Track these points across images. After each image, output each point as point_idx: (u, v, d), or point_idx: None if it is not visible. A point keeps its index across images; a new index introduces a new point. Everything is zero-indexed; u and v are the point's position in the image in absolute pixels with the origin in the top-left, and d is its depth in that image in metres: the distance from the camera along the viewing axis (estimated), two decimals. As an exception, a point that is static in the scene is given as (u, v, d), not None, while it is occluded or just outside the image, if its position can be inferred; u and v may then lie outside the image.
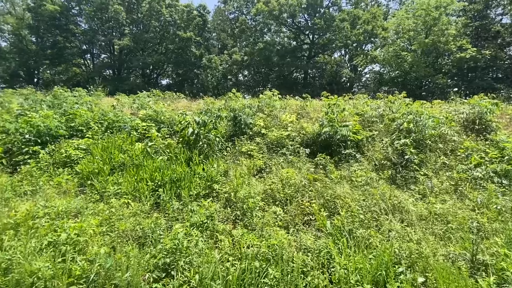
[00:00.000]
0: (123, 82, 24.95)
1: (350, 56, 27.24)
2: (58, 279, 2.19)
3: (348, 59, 28.08)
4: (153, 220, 3.22)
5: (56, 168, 5.02)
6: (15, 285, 2.19)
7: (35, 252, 2.50)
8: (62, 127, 6.14)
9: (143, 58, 25.85)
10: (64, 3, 24.85)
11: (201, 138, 5.63)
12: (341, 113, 6.21)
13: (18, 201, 3.76)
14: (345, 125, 5.68)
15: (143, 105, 8.14)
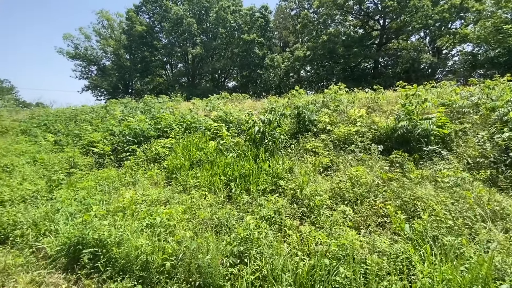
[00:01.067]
0: (196, 87, 27.70)
1: (431, 38, 23.52)
2: (156, 255, 2.65)
3: (429, 42, 24.30)
4: (227, 211, 3.53)
5: (148, 163, 6.00)
6: (125, 256, 2.75)
7: (138, 231, 3.07)
8: (151, 129, 7.27)
9: (212, 64, 28.14)
10: (149, 23, 29.08)
11: (267, 136, 5.82)
12: (421, 104, 5.47)
13: (123, 190, 4.66)
14: (427, 118, 4.99)
15: (214, 107, 8.91)
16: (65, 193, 4.44)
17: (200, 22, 28.08)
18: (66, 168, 6.08)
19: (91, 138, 7.50)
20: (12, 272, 2.79)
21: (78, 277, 2.65)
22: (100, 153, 6.79)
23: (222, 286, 2.35)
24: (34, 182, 4.99)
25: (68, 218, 3.51)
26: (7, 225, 3.54)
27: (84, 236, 2.86)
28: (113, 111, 10.35)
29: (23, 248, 3.14)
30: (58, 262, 2.87)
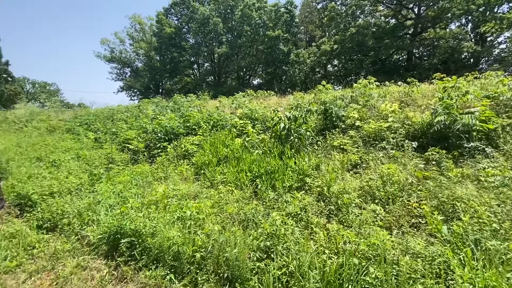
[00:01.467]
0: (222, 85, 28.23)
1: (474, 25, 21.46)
2: (186, 246, 2.78)
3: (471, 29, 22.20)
4: (253, 206, 3.58)
5: (178, 159, 6.27)
6: (158, 246, 2.92)
7: (170, 223, 3.23)
8: (181, 127, 7.57)
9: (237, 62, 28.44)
10: (177, 24, 30.12)
11: (292, 132, 5.77)
12: (462, 97, 5.05)
13: (156, 184, 4.92)
14: (468, 112, 4.60)
15: (240, 104, 9.02)
16: (104, 186, 4.81)
17: (226, 21, 28.46)
18: (105, 163, 6.57)
19: (126, 135, 8.01)
20: (60, 257, 3.10)
21: (118, 264, 2.87)
22: (135, 149, 7.24)
23: (249, 279, 2.40)
24: (78, 176, 5.47)
25: (107, 209, 3.81)
26: (56, 214, 3.93)
27: (122, 226, 3.09)
28: (146, 110, 10.93)
29: (70, 236, 3.47)
30: (100, 249, 3.14)
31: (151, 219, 3.30)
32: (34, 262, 3.03)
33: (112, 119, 10.64)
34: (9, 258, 3.09)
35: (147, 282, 2.60)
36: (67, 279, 2.70)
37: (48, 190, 4.63)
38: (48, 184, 4.82)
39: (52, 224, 3.83)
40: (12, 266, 2.96)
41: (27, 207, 4.50)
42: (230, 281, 2.45)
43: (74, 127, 11.05)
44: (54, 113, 15.18)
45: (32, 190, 4.68)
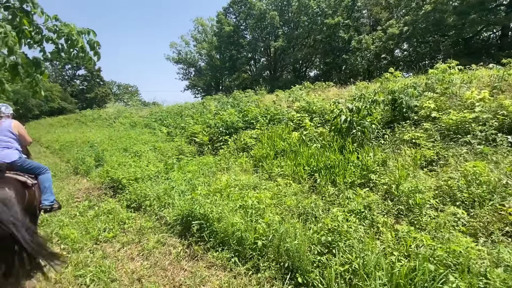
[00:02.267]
0: (277, 79, 28.26)
1: None
2: (248, 233, 2.94)
3: None
4: (313, 200, 3.55)
5: (238, 152, 6.60)
6: (224, 231, 3.16)
7: (233, 211, 3.46)
8: (240, 121, 7.92)
9: (293, 55, 27.96)
10: (236, 22, 31.21)
11: (354, 125, 5.43)
12: None
13: (219, 174, 5.31)
14: None
15: (296, 98, 8.91)
16: (176, 174, 5.42)
17: (282, 14, 28.15)
18: (176, 154, 7.37)
19: (193, 130, 8.80)
20: (145, 232, 3.65)
21: (190, 243, 3.24)
22: (200, 142, 7.91)
23: (310, 271, 2.41)
24: (156, 165, 6.28)
25: (180, 194, 4.29)
26: (140, 196, 4.63)
27: (193, 210, 3.45)
28: (209, 106, 11.79)
29: (151, 215, 4.05)
30: (175, 228, 3.58)
31: (216, 206, 3.59)
32: (125, 235, 3.65)
33: (181, 115, 11.81)
34: (107, 230, 3.79)
35: (215, 262, 2.86)
36: (151, 251, 3.18)
37: (133, 176, 5.47)
38: (133, 171, 5.69)
39: (138, 205, 4.52)
40: (109, 237, 3.63)
41: (119, 189, 5.41)
42: (291, 271, 2.51)
43: (151, 123, 12.69)
44: (135, 111, 17.69)
45: (121, 175, 5.60)
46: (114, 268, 2.89)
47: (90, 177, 6.69)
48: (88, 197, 5.40)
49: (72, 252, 3.35)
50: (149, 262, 3.00)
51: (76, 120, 21.30)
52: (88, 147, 9.51)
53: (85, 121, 19.67)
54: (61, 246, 3.54)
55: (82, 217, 4.27)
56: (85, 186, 6.18)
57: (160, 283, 2.63)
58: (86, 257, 3.18)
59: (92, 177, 6.64)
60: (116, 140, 10.05)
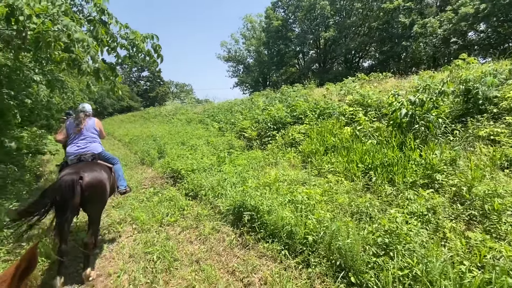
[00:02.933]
0: (327, 72, 27.11)
1: None
2: (299, 227, 2.96)
3: None
4: (367, 199, 3.37)
5: (286, 147, 6.60)
6: (273, 223, 3.24)
7: (282, 205, 3.51)
8: (288, 116, 7.89)
9: (345, 45, 26.40)
10: (284, 16, 30.84)
11: (417, 119, 4.93)
12: None
13: (268, 168, 5.41)
14: None
15: (349, 90, 8.44)
16: (228, 167, 5.71)
17: (333, 2, 26.73)
18: (227, 148, 7.74)
19: (242, 125, 9.11)
20: (201, 219, 3.97)
21: (241, 232, 3.41)
22: (249, 137, 8.15)
23: (365, 272, 2.31)
24: (209, 158, 6.72)
25: (231, 186, 4.53)
26: (197, 186, 5.02)
27: (244, 202, 3.62)
28: (257, 102, 12.01)
29: (206, 204, 4.37)
30: (227, 217, 3.81)
31: (266, 199, 3.69)
32: (184, 220, 4.02)
33: (231, 111, 12.30)
34: (170, 215, 4.23)
35: (265, 253, 2.96)
36: (207, 237, 3.45)
37: (190, 167, 5.95)
38: (190, 163, 6.19)
39: (194, 193, 4.92)
40: (171, 221, 4.05)
41: (178, 179, 5.97)
42: (343, 269, 2.45)
43: (204, 119, 13.53)
44: (190, 108, 19.06)
45: (180, 166, 6.15)
46: (176, 249, 3.23)
47: (154, 167, 7.52)
48: (153, 185, 6.08)
49: (142, 231, 3.85)
50: (205, 246, 3.27)
51: (141, 116, 23.97)
52: (151, 140, 10.66)
53: (148, 118, 22.02)
54: (132, 226, 4.09)
55: (148, 202, 4.85)
56: (150, 175, 6.96)
57: (215, 267, 2.85)
58: (153, 237, 3.62)
59: (155, 168, 7.45)
60: (174, 135, 11.03)
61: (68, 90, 6.90)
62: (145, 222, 4.03)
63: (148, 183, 6.32)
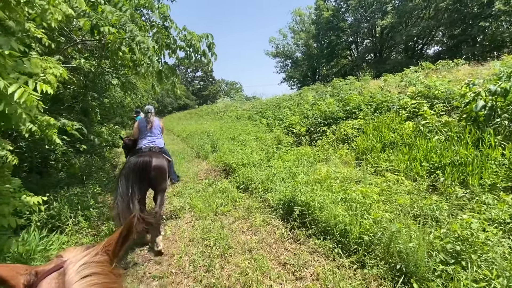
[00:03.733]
0: (384, 62, 24.89)
1: None
2: (353, 226, 2.84)
3: None
4: (433, 202, 3.04)
5: (337, 143, 6.34)
6: (326, 220, 3.17)
7: (335, 202, 3.41)
8: (340, 111, 7.54)
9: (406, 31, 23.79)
10: (335, 6, 29.26)
11: (499, 112, 4.22)
12: None
13: (319, 165, 5.29)
14: None
15: (411, 81, 7.63)
16: (277, 162, 5.77)
17: (392, -15, 24.26)
18: (275, 144, 7.81)
19: (290, 121, 9.05)
20: (252, 211, 4.11)
21: (292, 227, 3.43)
22: (297, 133, 8.06)
23: (430, 280, 2.11)
24: (258, 153, 6.89)
25: (281, 181, 4.57)
26: (247, 179, 5.21)
27: (294, 197, 3.63)
28: (306, 97, 11.76)
29: (257, 197, 4.51)
30: (277, 211, 3.87)
31: (317, 195, 3.62)
32: (236, 211, 4.23)
33: (279, 107, 12.32)
34: (223, 205, 4.49)
35: (317, 249, 2.93)
36: (258, 228, 3.57)
37: (241, 162, 6.20)
38: (241, 158, 6.44)
39: (245, 186, 5.12)
40: (225, 211, 4.30)
41: (230, 172, 6.27)
42: (403, 274, 2.28)
43: (252, 115, 13.85)
44: (239, 105, 19.69)
45: (231, 161, 6.45)
46: (229, 237, 3.43)
47: (208, 161, 8.04)
48: (207, 177, 6.52)
49: (199, 219, 4.18)
50: (257, 237, 3.39)
51: (196, 114, 25.73)
52: (205, 136, 11.38)
53: (202, 115, 23.51)
54: (191, 213, 4.48)
55: (204, 193, 5.22)
56: (205, 168, 7.48)
57: (267, 257, 2.94)
58: (209, 224, 3.90)
59: (209, 161, 7.96)
60: (225, 131, 11.57)
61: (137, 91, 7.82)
62: (202, 210, 4.36)
63: (203, 175, 6.79)
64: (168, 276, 2.83)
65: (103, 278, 0.57)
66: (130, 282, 2.81)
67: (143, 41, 3.74)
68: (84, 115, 6.53)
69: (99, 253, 0.63)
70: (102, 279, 0.57)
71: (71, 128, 4.00)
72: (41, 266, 0.61)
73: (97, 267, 0.59)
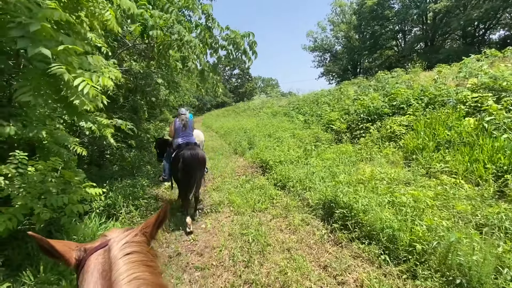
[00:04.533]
0: (436, 52, 22.46)
1: None
2: (403, 233, 2.62)
3: None
4: (501, 210, 2.65)
5: (382, 141, 5.91)
6: (370, 224, 2.98)
7: (381, 206, 3.18)
8: (386, 106, 7.01)
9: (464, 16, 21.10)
10: (380, -7, 27.17)
11: None
12: None
13: (361, 164, 5.00)
14: None
15: (472, 72, 6.74)
16: (315, 161, 5.60)
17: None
18: (313, 141, 7.59)
19: (329, 117, 8.71)
20: (290, 210, 4.06)
21: (333, 229, 3.30)
22: (337, 130, 7.72)
23: (499, 300, 1.85)
24: (295, 150, 6.77)
25: (320, 180, 4.42)
26: (284, 177, 5.16)
27: (336, 197, 3.47)
28: (347, 92, 11.20)
29: (294, 195, 4.43)
30: (316, 211, 3.76)
31: (361, 197, 3.42)
32: (274, 209, 4.21)
33: (317, 102, 11.93)
34: (261, 202, 4.51)
35: (360, 254, 2.77)
36: (296, 228, 3.51)
37: (278, 159, 6.16)
38: (278, 155, 6.40)
39: (282, 184, 5.08)
40: (262, 208, 4.31)
41: (267, 169, 6.28)
42: (465, 291, 2.02)
43: (289, 111, 13.65)
44: (275, 101, 19.58)
45: (268, 157, 6.45)
46: (268, 235, 3.43)
47: (245, 157, 8.16)
48: (244, 173, 6.62)
49: (237, 214, 4.27)
50: (295, 237, 3.33)
51: (233, 111, 26.32)
52: (242, 133, 11.57)
53: (238, 112, 23.96)
54: (230, 208, 4.59)
55: (242, 188, 5.31)
56: (242, 164, 7.61)
57: (306, 258, 2.87)
58: (247, 221, 3.96)
59: (246, 157, 8.07)
60: (262, 127, 11.61)
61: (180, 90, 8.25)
62: (240, 206, 4.44)
63: (241, 171, 6.91)
64: (209, 268, 2.94)
65: (142, 256, 0.64)
66: (174, 270, 2.99)
67: (191, 40, 3.91)
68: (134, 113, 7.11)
69: (138, 234, 0.70)
70: (142, 257, 0.63)
71: (125, 127, 4.40)
72: (89, 244, 0.69)
73: (136, 246, 0.66)
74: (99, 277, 0.58)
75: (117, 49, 5.05)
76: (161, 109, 8.08)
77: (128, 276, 0.56)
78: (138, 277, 0.57)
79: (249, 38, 4.52)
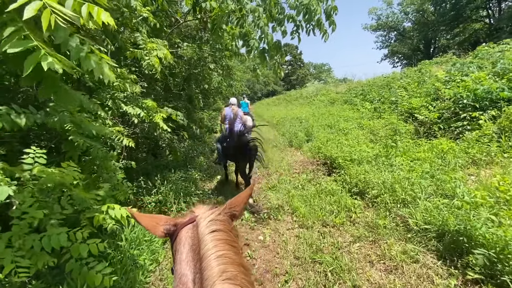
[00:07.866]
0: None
1: None
2: None
3: None
4: None
5: (507, 137, 4.25)
6: None
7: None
8: (503, 89, 5.13)
9: None
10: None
11: None
12: None
13: (481, 170, 3.55)
14: None
15: None
16: (403, 160, 4.31)
17: None
18: (390, 134, 6.14)
19: (409, 104, 7.03)
20: (379, 231, 2.96)
21: (466, 281, 2.12)
22: (423, 120, 6.09)
23: None
24: (368, 145, 5.48)
25: (422, 191, 3.19)
26: (362, 181, 4.03)
27: (467, 228, 2.27)
28: (429, 72, 9.08)
29: (383, 210, 3.30)
30: (426, 241, 2.60)
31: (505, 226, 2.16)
32: (354, 227, 3.19)
33: (389, 87, 10.05)
34: (334, 214, 3.52)
35: None
36: (396, 263, 2.44)
37: (349, 156, 5.00)
38: (348, 151, 5.23)
39: (359, 191, 3.97)
40: (337, 222, 3.32)
41: (333, 168, 5.20)
42: None
43: (351, 98, 11.98)
44: (332, 88, 17.76)
45: (335, 154, 5.34)
46: (353, 269, 2.46)
47: (302, 151, 7.17)
48: (304, 170, 5.67)
49: (303, 227, 3.38)
50: (399, 279, 2.27)
51: (284, 99, 25.16)
52: (297, 122, 10.51)
53: (290, 100, 22.72)
54: (292, 217, 3.73)
55: (304, 191, 4.39)
56: (300, 159, 6.64)
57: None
58: (317, 239, 3.04)
59: (304, 151, 7.07)
60: (318, 117, 10.35)
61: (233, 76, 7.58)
62: (305, 216, 3.54)
63: (299, 168, 5.98)
64: (274, 311, 2.15)
65: (226, 235, 0.69)
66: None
67: (255, 9, 3.06)
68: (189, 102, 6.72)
69: (221, 213, 0.76)
70: (225, 236, 0.69)
71: (175, 117, 3.95)
72: (179, 218, 0.80)
73: (221, 224, 0.72)
74: (190, 250, 0.68)
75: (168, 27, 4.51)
76: (214, 97, 7.56)
77: (215, 252, 0.62)
78: (224, 255, 0.62)
79: (326, 3, 3.44)
